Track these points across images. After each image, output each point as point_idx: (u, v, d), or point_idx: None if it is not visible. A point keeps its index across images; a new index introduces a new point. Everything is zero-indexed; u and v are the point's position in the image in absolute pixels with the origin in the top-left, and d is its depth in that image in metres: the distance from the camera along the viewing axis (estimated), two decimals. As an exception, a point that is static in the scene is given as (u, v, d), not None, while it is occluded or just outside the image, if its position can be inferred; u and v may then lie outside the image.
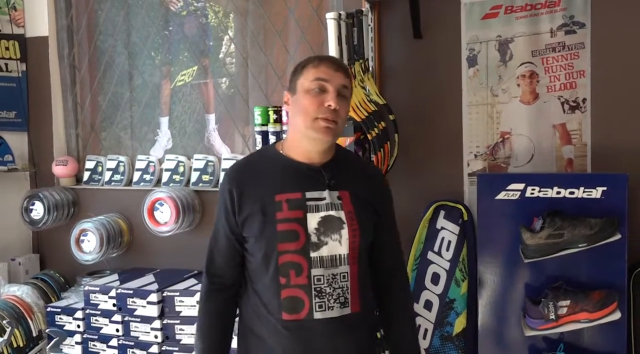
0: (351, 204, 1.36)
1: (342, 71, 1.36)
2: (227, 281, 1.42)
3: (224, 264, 1.42)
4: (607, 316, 1.79)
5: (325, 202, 1.34)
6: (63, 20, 3.03)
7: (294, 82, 1.38)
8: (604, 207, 1.85)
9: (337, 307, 1.33)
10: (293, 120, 1.38)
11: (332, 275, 1.33)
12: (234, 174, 1.41)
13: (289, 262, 1.32)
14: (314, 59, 1.37)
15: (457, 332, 2.12)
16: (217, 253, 1.42)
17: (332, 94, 1.32)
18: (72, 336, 2.52)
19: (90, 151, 3.06)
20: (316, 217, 1.33)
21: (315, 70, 1.34)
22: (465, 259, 2.13)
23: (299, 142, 1.37)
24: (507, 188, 1.99)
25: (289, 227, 1.32)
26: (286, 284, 1.32)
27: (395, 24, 2.26)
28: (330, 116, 1.31)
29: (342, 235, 1.34)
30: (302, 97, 1.34)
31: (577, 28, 2.04)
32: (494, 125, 2.17)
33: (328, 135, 1.32)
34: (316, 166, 1.37)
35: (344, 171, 1.41)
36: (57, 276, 2.91)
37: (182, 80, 2.87)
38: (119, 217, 2.86)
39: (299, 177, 1.36)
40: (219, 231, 1.42)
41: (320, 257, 1.32)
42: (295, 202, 1.33)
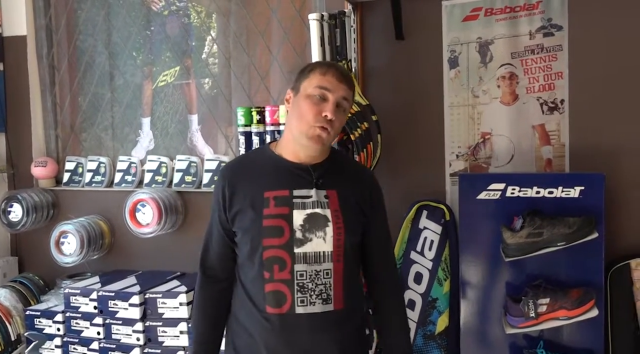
0: (338, 203, 1.40)
1: (346, 83, 1.39)
2: (220, 275, 1.48)
3: (216, 258, 1.47)
4: (585, 314, 1.83)
5: (311, 200, 1.38)
6: (42, 19, 2.98)
7: (299, 83, 1.41)
8: (582, 206, 1.88)
9: (319, 303, 1.36)
10: (289, 120, 1.42)
11: (315, 271, 1.36)
12: (227, 171, 1.46)
13: (273, 257, 1.36)
14: (322, 65, 1.42)
15: (440, 331, 2.14)
16: (210, 247, 1.48)
17: (331, 105, 1.35)
18: (52, 340, 2.49)
19: (70, 152, 3.02)
20: (302, 214, 1.37)
21: (320, 78, 1.37)
22: (447, 258, 2.15)
23: (290, 143, 1.42)
24: (488, 188, 2.01)
25: (275, 223, 1.36)
26: (270, 278, 1.36)
27: (378, 25, 2.28)
28: (326, 125, 1.35)
29: (327, 233, 1.37)
30: (303, 101, 1.37)
31: (554, 30, 2.08)
32: (475, 126, 2.20)
33: (318, 143, 1.37)
34: (305, 165, 1.41)
35: (334, 171, 1.45)
36: (37, 279, 2.86)
37: (164, 81, 2.85)
38: (100, 219, 2.83)
39: (287, 176, 1.40)
40: (212, 226, 1.47)
41: (304, 253, 1.36)
42: (282, 199, 1.37)
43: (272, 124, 2.35)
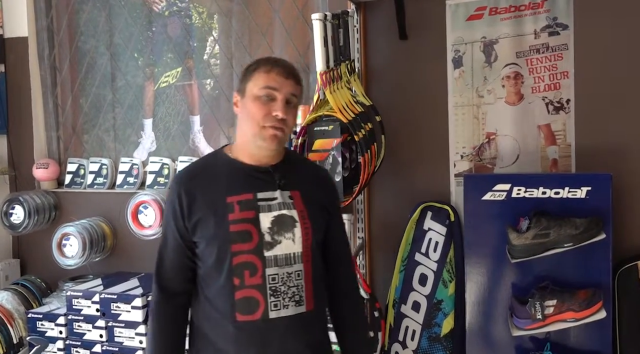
0: (302, 203, 1.38)
1: (293, 79, 1.36)
2: (177, 289, 1.39)
3: (173, 272, 1.39)
4: (593, 315, 1.81)
5: (277, 202, 1.35)
6: (43, 20, 2.97)
7: (244, 84, 1.37)
8: (589, 207, 1.86)
9: (292, 305, 1.33)
10: (241, 124, 1.39)
11: (287, 274, 1.33)
12: (182, 179, 1.39)
13: (243, 263, 1.31)
14: (265, 63, 1.36)
15: (445, 333, 2.12)
16: (166, 260, 1.39)
17: (280, 104, 1.32)
18: (55, 343, 2.48)
19: (72, 153, 3.01)
20: (269, 217, 1.33)
21: (265, 77, 1.33)
22: (452, 260, 2.13)
23: (246, 146, 1.38)
24: (494, 189, 1.99)
25: (242, 228, 1.32)
26: (240, 285, 1.31)
27: (381, 25, 2.26)
28: (278, 124, 1.32)
29: (296, 233, 1.35)
30: (251, 103, 1.34)
31: (560, 29, 2.06)
32: (479, 126, 2.18)
33: (274, 143, 1.34)
34: (265, 167, 1.38)
35: (294, 171, 1.42)
36: (39, 282, 2.85)
37: (166, 82, 2.84)
38: (102, 221, 2.81)
39: (249, 179, 1.37)
40: (167, 238, 1.39)
41: (275, 256, 1.32)
42: (246, 203, 1.33)
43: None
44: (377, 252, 2.33)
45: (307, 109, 2.29)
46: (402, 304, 2.18)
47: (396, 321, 2.19)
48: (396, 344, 2.19)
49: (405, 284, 2.19)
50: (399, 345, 2.18)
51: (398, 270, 2.21)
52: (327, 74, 1.94)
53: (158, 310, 1.39)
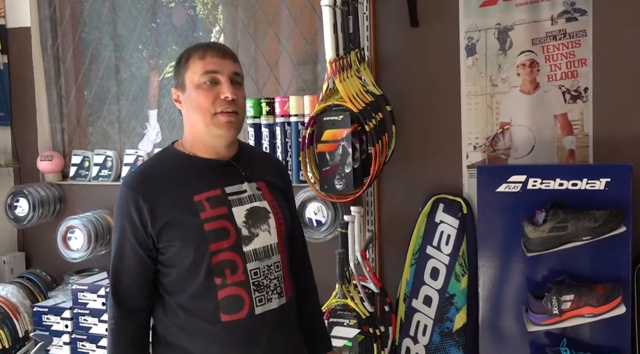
0: (270, 193, 1.35)
1: (230, 57, 1.29)
2: (139, 304, 1.29)
3: (133, 286, 1.28)
4: (612, 311, 1.75)
5: (247, 195, 1.31)
6: (46, 10, 2.92)
7: (181, 78, 1.29)
8: (608, 199, 1.80)
9: (275, 298, 1.30)
10: (190, 118, 1.30)
11: (267, 266, 1.30)
12: (136, 184, 1.28)
13: (222, 261, 1.25)
14: (197, 49, 1.29)
15: (458, 328, 2.07)
16: (124, 274, 1.28)
17: (226, 85, 1.25)
18: (60, 337, 2.46)
19: (76, 145, 2.98)
20: (242, 211, 1.29)
21: (202, 63, 1.26)
22: (465, 253, 2.08)
23: (201, 139, 1.30)
24: (508, 180, 1.93)
25: (218, 225, 1.25)
26: (222, 284, 1.25)
27: (392, 12, 2.20)
28: (229, 107, 1.26)
29: (270, 224, 1.32)
30: (195, 93, 1.26)
31: (578, 15, 1.98)
32: (493, 115, 2.12)
33: (231, 129, 1.27)
34: (227, 160, 1.32)
35: (253, 161, 1.38)
36: (44, 275, 2.83)
37: (171, 72, 2.79)
38: (107, 214, 2.78)
39: (213, 174, 1.30)
40: (124, 249, 1.28)
41: (254, 250, 1.29)
42: (216, 199, 1.27)
43: (282, 116, 2.29)
44: (387, 245, 2.29)
45: (315, 99, 2.24)
46: (414, 298, 2.14)
47: (407, 315, 2.14)
48: (407, 339, 2.14)
49: (417, 278, 2.14)
50: (410, 340, 2.14)
51: (409, 264, 2.16)
52: (336, 62, 1.89)
53: (119, 331, 1.29)
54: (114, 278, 1.30)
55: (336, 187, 1.93)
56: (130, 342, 1.29)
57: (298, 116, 2.28)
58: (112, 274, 1.31)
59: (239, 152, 1.36)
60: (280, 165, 1.51)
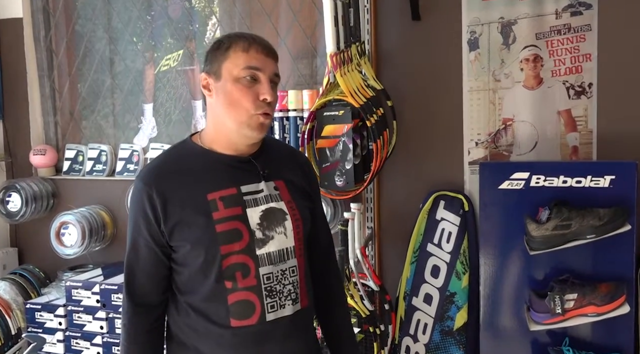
0: (289, 193, 1.27)
1: (273, 56, 1.23)
2: (154, 300, 1.26)
3: (148, 282, 1.25)
4: (616, 310, 1.73)
5: (263, 195, 1.24)
6: (38, 1, 2.86)
7: (217, 65, 1.21)
8: (613, 196, 1.78)
9: (288, 304, 1.23)
10: (218, 110, 1.23)
11: (282, 271, 1.23)
12: (150, 177, 1.22)
13: (234, 264, 1.19)
14: (242, 39, 1.21)
15: (458, 326, 2.05)
16: (138, 270, 1.25)
17: (267, 85, 1.19)
18: (54, 334, 2.42)
19: (70, 139, 2.92)
20: (257, 212, 1.22)
21: (246, 56, 1.19)
22: (466, 251, 2.06)
23: (225, 134, 1.23)
24: (511, 177, 1.91)
25: (230, 227, 1.19)
26: (233, 288, 1.19)
27: (393, 5, 2.16)
28: (267, 109, 1.20)
29: (287, 227, 1.24)
30: (233, 87, 1.19)
31: (583, 9, 1.95)
32: (495, 111, 2.09)
33: (263, 131, 1.22)
34: (246, 157, 1.25)
35: (274, 158, 1.30)
36: (37, 271, 2.78)
37: (167, 65, 2.74)
38: (101, 209, 2.74)
39: (229, 172, 1.23)
40: (138, 245, 1.23)
41: (268, 253, 1.22)
42: (230, 198, 1.21)
43: (280, 110, 2.25)
44: (387, 242, 2.26)
45: (314, 93, 2.20)
46: (414, 296, 2.11)
47: (407, 314, 2.12)
48: (407, 338, 2.12)
49: (417, 276, 2.11)
50: (410, 339, 2.11)
51: (409, 261, 2.13)
52: (337, 56, 1.85)
53: (132, 327, 1.26)
54: (128, 273, 1.26)
55: (336, 184, 1.90)
56: (144, 338, 1.26)
57: (297, 110, 2.24)
58: (126, 269, 1.26)
59: (260, 149, 1.28)
60: (304, 162, 1.40)
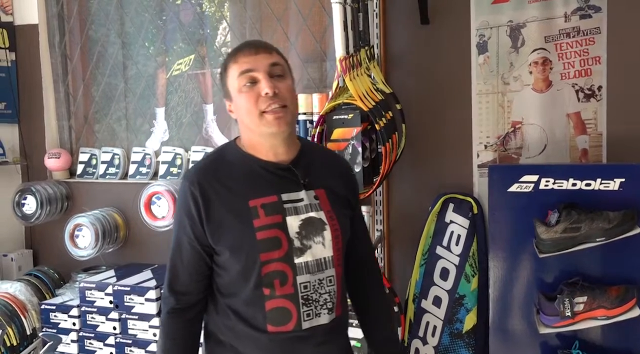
0: (329, 203, 1.28)
1: (264, 50, 1.23)
2: (193, 299, 1.28)
3: (189, 280, 1.27)
4: (626, 313, 1.72)
5: (303, 204, 1.25)
6: (53, 7, 2.92)
7: (225, 87, 1.27)
8: (622, 199, 1.77)
9: (324, 313, 1.25)
10: (243, 124, 1.26)
11: (319, 280, 1.24)
12: (197, 177, 1.25)
13: (272, 272, 1.21)
14: (231, 54, 1.26)
15: (467, 329, 2.05)
16: (181, 268, 1.27)
17: (265, 80, 1.20)
18: (68, 334, 2.45)
19: (83, 143, 2.97)
20: (297, 221, 1.23)
21: (236, 66, 1.22)
22: (475, 253, 2.06)
23: (257, 141, 1.26)
24: (520, 180, 1.90)
25: (270, 235, 1.21)
26: (270, 294, 1.21)
27: (402, 9, 2.17)
28: (274, 102, 1.20)
29: (325, 237, 1.25)
30: (238, 98, 1.23)
31: (592, 12, 1.95)
32: (504, 114, 2.09)
33: (281, 125, 1.21)
34: (286, 164, 1.26)
35: (314, 165, 1.31)
36: (51, 273, 2.83)
37: (179, 69, 2.78)
38: (114, 212, 2.78)
39: (271, 179, 1.25)
40: (182, 243, 1.26)
41: (306, 262, 1.23)
42: (271, 206, 1.22)
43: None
44: (396, 245, 2.27)
45: (324, 97, 2.22)
46: (423, 299, 2.12)
47: (416, 316, 2.12)
48: (416, 340, 2.12)
49: (426, 279, 2.12)
50: (419, 341, 2.12)
51: (418, 264, 2.14)
52: (347, 60, 1.86)
53: (172, 324, 1.28)
54: (172, 271, 1.28)
55: (345, 187, 1.91)
56: (181, 333, 1.28)
57: (307, 114, 2.25)
58: (169, 267, 1.28)
59: (300, 155, 1.29)
60: (345, 168, 1.40)
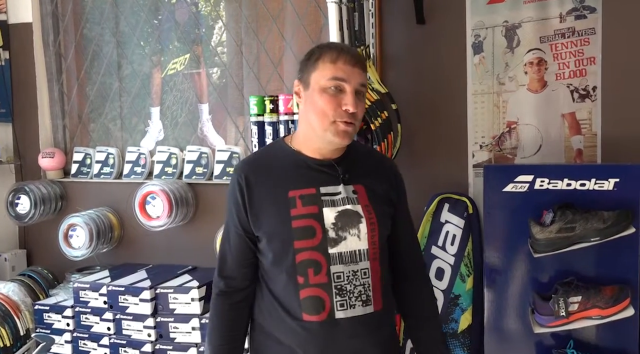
0: (367, 197, 1.31)
1: (360, 66, 1.27)
2: (240, 284, 1.35)
3: (236, 265, 1.35)
4: (620, 313, 1.73)
5: (340, 197, 1.29)
6: (47, 6, 2.90)
7: (307, 74, 1.28)
8: (617, 199, 1.78)
9: (359, 305, 1.27)
10: (306, 117, 1.30)
11: (353, 272, 1.27)
12: (244, 167, 1.34)
13: (306, 260, 1.26)
14: (330, 50, 1.27)
15: (462, 329, 2.05)
16: (229, 253, 1.36)
17: (350, 96, 1.24)
18: (62, 335, 2.44)
19: (78, 142, 2.96)
20: (333, 212, 1.27)
21: (332, 67, 1.24)
22: (470, 253, 2.06)
23: (311, 140, 1.31)
24: (515, 180, 1.91)
25: (305, 224, 1.26)
26: (305, 283, 1.26)
27: (398, 9, 2.17)
28: (349, 119, 1.25)
29: (361, 229, 1.28)
30: (318, 96, 1.26)
31: (587, 13, 1.96)
32: (500, 114, 2.10)
33: (345, 139, 1.27)
34: (329, 161, 1.32)
35: (357, 164, 1.35)
36: (45, 273, 2.81)
37: (174, 69, 2.77)
38: (109, 212, 2.76)
39: (311, 173, 1.31)
40: (230, 229, 1.35)
41: (340, 253, 1.26)
42: (309, 197, 1.28)
43: (285, 114, 2.27)
44: (391, 245, 2.26)
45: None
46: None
47: (411, 316, 2.12)
48: (411, 340, 2.12)
49: (421, 279, 2.12)
50: (415, 341, 2.12)
51: (414, 264, 2.14)
52: (342, 60, 1.86)
53: (220, 305, 1.36)
54: (221, 256, 1.37)
55: (341, 187, 1.91)
56: (228, 315, 1.35)
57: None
58: (220, 253, 1.37)
59: (345, 154, 1.34)
60: (391, 170, 1.42)
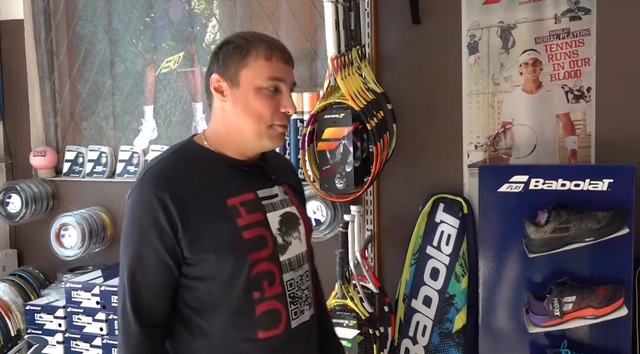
0: (295, 198, 1.27)
1: (292, 63, 1.19)
2: (162, 319, 1.13)
3: (156, 300, 1.11)
4: (613, 312, 1.74)
5: (279, 199, 1.21)
6: (39, 2, 2.87)
7: (234, 70, 1.13)
8: (611, 200, 1.79)
9: (306, 309, 1.22)
10: (236, 118, 1.15)
11: (300, 276, 1.21)
12: (160, 181, 1.10)
13: (261, 272, 1.13)
14: (262, 45, 1.14)
15: (457, 329, 2.06)
16: (145, 288, 1.10)
17: (287, 97, 1.15)
18: (53, 336, 2.42)
19: (70, 141, 2.93)
20: (276, 217, 1.18)
21: (268, 65, 1.13)
22: (465, 253, 2.07)
23: (236, 141, 1.17)
24: (510, 180, 1.92)
25: (255, 233, 1.13)
26: (260, 297, 1.13)
27: (393, 9, 2.17)
28: (286, 122, 1.17)
29: (301, 231, 1.23)
30: (254, 97, 1.13)
31: (582, 14, 1.96)
32: (495, 115, 2.10)
33: (281, 142, 1.18)
34: (255, 161, 1.21)
35: (274, 163, 1.27)
36: (37, 273, 2.78)
37: (168, 67, 2.74)
38: (101, 211, 2.74)
39: (242, 176, 1.18)
40: (145, 259, 1.09)
41: (289, 259, 1.19)
42: (250, 203, 1.15)
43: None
44: (386, 245, 2.26)
45: (315, 96, 2.21)
46: (413, 298, 2.12)
47: (406, 316, 2.13)
48: (406, 339, 2.12)
49: (416, 278, 2.12)
50: (409, 341, 2.12)
51: (409, 264, 2.14)
52: (338, 59, 1.86)
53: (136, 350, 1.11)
54: (133, 292, 1.10)
55: (337, 186, 1.91)
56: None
57: (297, 113, 2.24)
58: (130, 288, 1.10)
59: (263, 154, 1.24)
60: (293, 166, 1.42)
